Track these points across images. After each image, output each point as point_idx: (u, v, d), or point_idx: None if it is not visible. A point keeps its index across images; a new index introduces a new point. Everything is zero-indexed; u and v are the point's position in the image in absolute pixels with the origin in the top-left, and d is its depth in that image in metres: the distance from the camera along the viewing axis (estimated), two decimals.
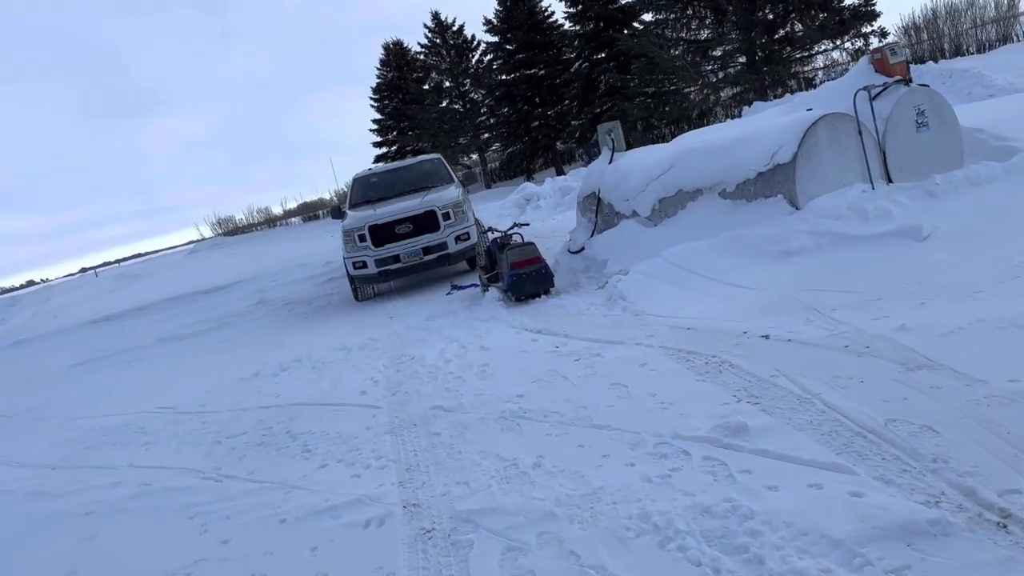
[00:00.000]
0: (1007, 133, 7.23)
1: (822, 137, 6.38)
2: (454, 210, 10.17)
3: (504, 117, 34.79)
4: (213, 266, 26.94)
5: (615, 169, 8.38)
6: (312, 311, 10.65)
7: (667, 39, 25.58)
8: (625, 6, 29.52)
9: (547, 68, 32.86)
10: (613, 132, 8.74)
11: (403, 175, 11.70)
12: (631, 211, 7.99)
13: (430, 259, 10.04)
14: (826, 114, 6.44)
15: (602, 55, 29.97)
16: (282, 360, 7.19)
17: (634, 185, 7.87)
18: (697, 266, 6.14)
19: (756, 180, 6.56)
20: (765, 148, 6.52)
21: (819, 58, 24.49)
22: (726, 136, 7.19)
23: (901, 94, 6.72)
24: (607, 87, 29.28)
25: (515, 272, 7.30)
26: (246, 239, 44.64)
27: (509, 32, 33.45)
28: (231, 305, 13.23)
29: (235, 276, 18.01)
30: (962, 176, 6.39)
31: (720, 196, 6.93)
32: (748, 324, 4.77)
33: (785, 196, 6.35)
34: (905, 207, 6.21)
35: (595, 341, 5.22)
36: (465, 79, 37.25)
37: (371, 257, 9.94)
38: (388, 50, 43.04)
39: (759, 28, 23.24)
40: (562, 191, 16.48)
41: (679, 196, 7.35)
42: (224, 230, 52.52)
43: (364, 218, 10.14)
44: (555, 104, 33.49)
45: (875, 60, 6.93)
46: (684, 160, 7.36)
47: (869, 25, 22.43)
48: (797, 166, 6.25)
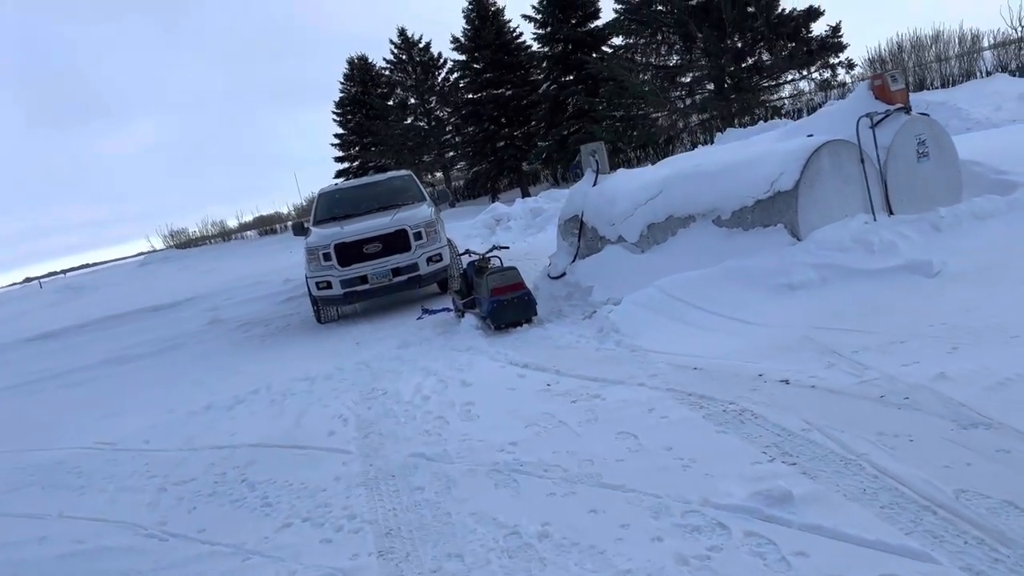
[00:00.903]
0: (1004, 166, 7.04)
1: (825, 165, 6.06)
2: (426, 230, 9.65)
3: (470, 136, 34.40)
4: (164, 281, 25.86)
5: (600, 192, 7.97)
6: (270, 333, 9.98)
7: (636, 64, 25.57)
8: (594, 30, 29.50)
9: (514, 88, 32.62)
10: (597, 154, 8.34)
11: (372, 191, 11.13)
12: (617, 236, 7.58)
13: (400, 281, 9.49)
14: (829, 141, 6.13)
15: (570, 77, 29.84)
16: (237, 390, 6.55)
17: (621, 209, 7.47)
18: (695, 297, 5.73)
19: (754, 208, 6.20)
20: (764, 175, 6.17)
21: (787, 87, 24.68)
22: (719, 161, 6.84)
23: (903, 123, 6.46)
24: (575, 109, 29.14)
25: (496, 298, 6.81)
26: (199, 252, 43.29)
27: (477, 51, 33.16)
28: (182, 324, 12.44)
29: (187, 292, 17.14)
30: (966, 210, 6.12)
31: (714, 223, 6.55)
32: (762, 365, 4.35)
33: (786, 226, 6.00)
34: (911, 240, 5.92)
35: (591, 379, 4.74)
36: (431, 96, 36.82)
37: (336, 277, 9.35)
38: (352, 65, 42.46)
39: (728, 56, 23.33)
40: (533, 212, 16.10)
41: (669, 222, 6.97)
42: (176, 242, 50.98)
43: (330, 236, 9.55)
44: (522, 124, 33.23)
45: (875, 87, 6.66)
46: (675, 185, 6.99)
47: (836, 56, 22.67)
48: (800, 194, 5.91)
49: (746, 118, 23.21)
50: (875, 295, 5.23)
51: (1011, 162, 7.19)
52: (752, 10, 22.81)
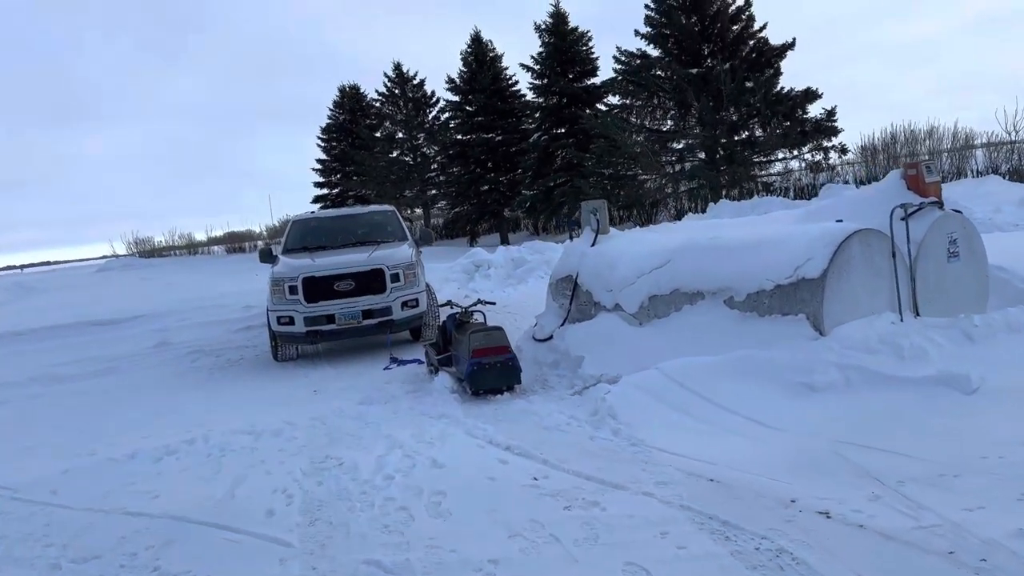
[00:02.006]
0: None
1: (855, 254, 5.52)
2: (405, 271, 8.95)
3: (455, 176, 33.96)
4: (119, 290, 24.65)
5: (599, 253, 7.36)
6: (220, 366, 9.11)
7: (630, 124, 25.44)
8: (591, 86, 29.47)
9: (505, 134, 32.35)
10: (599, 212, 7.76)
11: (350, 224, 10.41)
12: (614, 304, 6.95)
13: (369, 324, 8.73)
14: (861, 229, 5.59)
15: (562, 130, 29.66)
16: (170, 437, 5.70)
17: (621, 275, 6.85)
18: (704, 388, 5.07)
19: (774, 293, 5.61)
20: (788, 257, 5.61)
21: (778, 164, 24.67)
22: (736, 236, 6.27)
23: (935, 218, 5.97)
24: (563, 162, 28.88)
25: (477, 360, 6.09)
26: (162, 264, 41.91)
27: (471, 94, 32.94)
28: (127, 343, 11.47)
29: (139, 307, 16.10)
30: (1001, 320, 5.59)
31: (726, 304, 5.95)
32: (792, 486, 3.68)
33: (808, 317, 5.41)
34: (943, 349, 5.36)
35: (587, 478, 4.03)
36: (419, 133, 36.45)
37: (301, 314, 8.56)
38: (344, 92, 42.10)
39: (722, 127, 23.28)
40: (515, 262, 15.47)
41: (675, 296, 6.36)
42: (140, 250, 49.42)
43: (299, 267, 8.78)
44: (508, 171, 32.89)
45: (908, 176, 6.19)
46: (685, 256, 6.40)
47: (829, 139, 22.72)
48: (827, 284, 5.34)
49: (735, 191, 23.08)
50: (908, 409, 4.62)
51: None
52: (751, 85, 22.85)
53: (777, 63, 23.41)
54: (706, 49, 24.52)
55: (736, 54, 23.77)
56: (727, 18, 24.00)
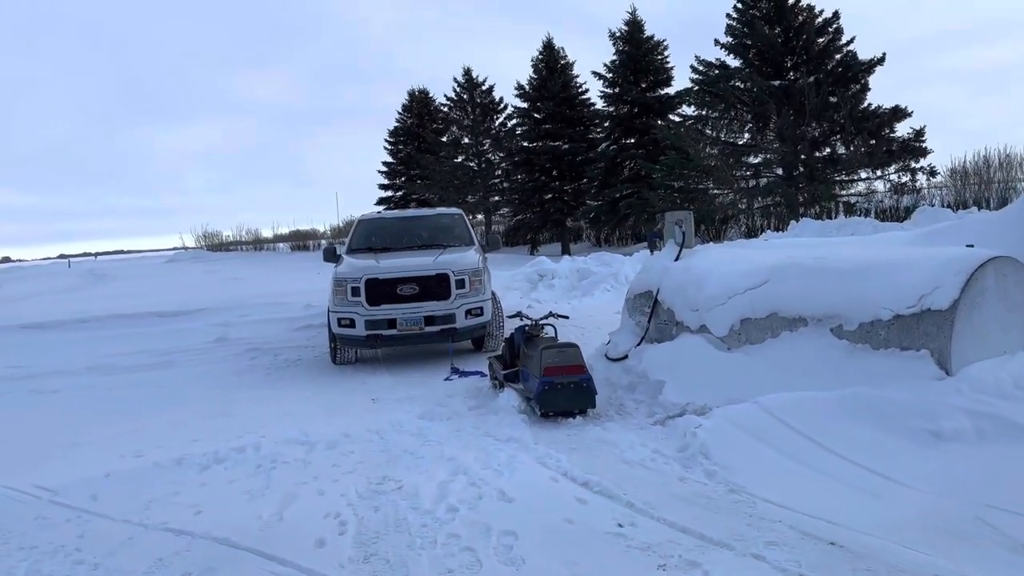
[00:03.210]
0: None
1: (990, 285, 4.82)
2: (471, 278, 8.51)
3: (519, 183, 33.60)
4: (185, 281, 25.01)
5: (684, 269, 6.78)
6: (277, 366, 8.83)
7: (704, 136, 24.62)
8: (664, 96, 28.77)
9: (572, 143, 31.83)
10: (684, 224, 7.18)
11: (416, 226, 10.06)
12: (699, 325, 6.35)
13: (432, 331, 8.32)
14: (996, 256, 4.89)
15: (631, 140, 29.03)
16: (220, 442, 5.35)
17: (710, 294, 6.25)
18: (812, 429, 4.46)
19: (892, 324, 4.95)
20: (910, 284, 4.94)
21: (861, 184, 23.49)
22: (845, 257, 5.62)
23: None
24: (631, 173, 28.22)
25: (548, 379, 5.58)
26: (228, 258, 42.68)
27: (540, 101, 32.56)
28: (187, 337, 11.35)
29: (203, 300, 16.11)
30: None
31: (833, 333, 5.31)
32: (933, 559, 3.06)
33: (933, 354, 4.73)
34: None
35: (682, 530, 3.48)
36: (485, 139, 36.21)
37: (362, 316, 8.20)
38: (413, 97, 42.30)
39: (804, 143, 22.29)
40: (580, 273, 14.93)
41: (771, 321, 5.73)
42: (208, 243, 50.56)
43: (362, 268, 8.44)
44: (573, 180, 32.37)
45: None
46: (786, 276, 5.77)
47: (917, 160, 21.50)
48: (957, 317, 4.66)
49: (814, 209, 22.04)
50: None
51: None
52: (835, 100, 21.83)
53: (865, 79, 22.31)
54: (789, 61, 23.57)
55: (821, 67, 22.75)
56: (813, 30, 23.01)
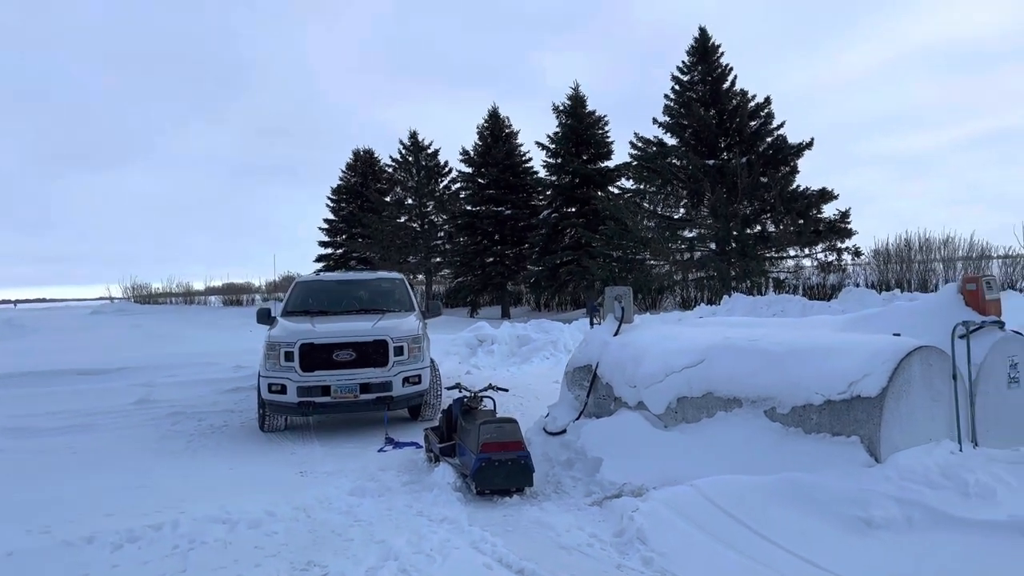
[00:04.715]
0: None
1: (916, 374, 4.99)
2: (410, 344, 8.39)
3: (461, 246, 33.78)
4: (109, 336, 23.97)
5: (623, 345, 6.83)
6: (201, 432, 8.45)
7: (642, 209, 25.34)
8: (604, 168, 29.58)
9: (515, 208, 32.33)
10: (623, 299, 7.27)
11: (356, 290, 9.92)
12: (637, 401, 6.37)
13: (367, 399, 8.12)
14: (923, 346, 5.08)
15: (573, 209, 29.64)
16: (135, 520, 5.02)
17: (648, 371, 6.30)
18: (748, 515, 4.46)
19: (823, 409, 5.06)
20: (841, 370, 5.07)
21: (789, 261, 24.39)
22: (779, 339, 5.75)
23: (997, 339, 5.47)
24: (572, 240, 28.73)
25: (486, 456, 5.48)
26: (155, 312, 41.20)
27: (484, 167, 33.14)
28: (108, 397, 10.79)
29: (127, 358, 15.43)
30: None
31: (767, 416, 5.38)
32: None
33: (863, 440, 4.83)
34: (1010, 487, 4.77)
35: None
36: (429, 200, 36.43)
37: (294, 383, 7.96)
38: (357, 156, 42.47)
39: (736, 220, 23.12)
40: (520, 340, 14.93)
41: (707, 400, 5.79)
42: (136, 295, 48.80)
43: (298, 332, 8.23)
44: (515, 245, 32.72)
45: (967, 291, 5.72)
46: (721, 356, 5.86)
47: (843, 241, 22.53)
48: (886, 406, 4.79)
49: (745, 284, 22.75)
50: (983, 560, 4.01)
51: None
52: (766, 181, 22.81)
53: (794, 161, 23.46)
54: (723, 142, 24.63)
55: (753, 149, 23.84)
56: (746, 113, 24.17)
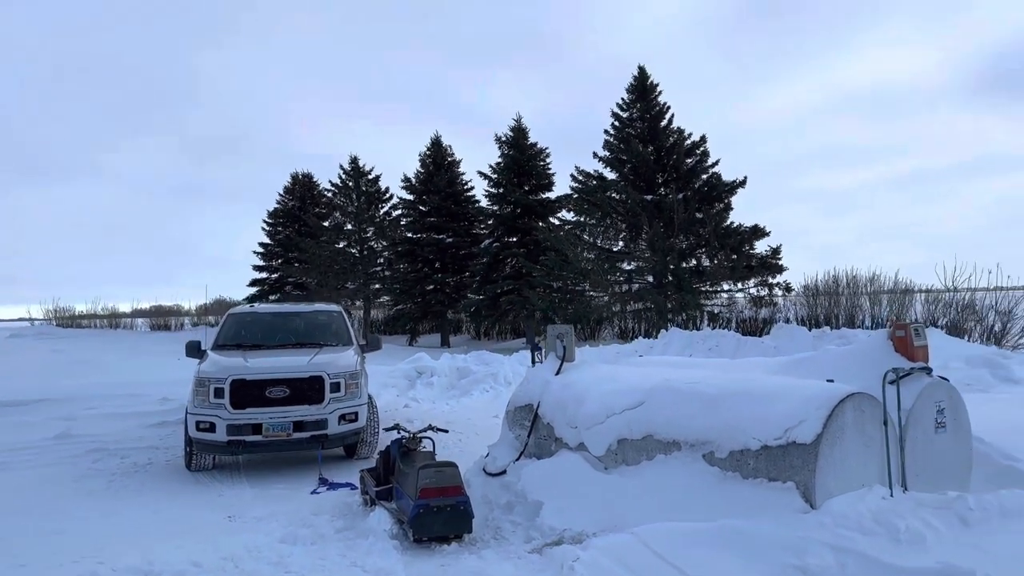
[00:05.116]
0: (1012, 450, 6.29)
1: (849, 420, 5.10)
2: (347, 381, 8.20)
3: (401, 273, 33.49)
4: (27, 361, 22.78)
5: (564, 384, 6.81)
6: (124, 471, 8.04)
7: (582, 241, 25.63)
8: (545, 200, 29.87)
9: (456, 237, 32.30)
10: (565, 338, 7.27)
11: (291, 323, 9.66)
12: (578, 442, 6.35)
13: (300, 438, 7.88)
14: (855, 392, 5.21)
15: (514, 239, 29.77)
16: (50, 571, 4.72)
17: (589, 412, 6.29)
18: (687, 563, 4.45)
19: (760, 454, 5.12)
20: (777, 416, 5.15)
21: (723, 295, 24.98)
22: (718, 383, 5.82)
23: (924, 385, 5.66)
24: (513, 270, 28.81)
25: (424, 502, 5.34)
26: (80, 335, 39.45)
27: (426, 194, 33.07)
28: (24, 432, 10.19)
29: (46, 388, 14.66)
30: (995, 504, 5.18)
31: (705, 460, 5.42)
32: None
33: (799, 487, 4.91)
34: (939, 533, 4.89)
35: None
36: (369, 226, 36.06)
37: (224, 420, 7.66)
38: (296, 180, 41.80)
39: (673, 254, 23.59)
40: (460, 372, 14.80)
41: (647, 443, 5.81)
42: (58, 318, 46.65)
43: (229, 367, 7.95)
44: (456, 273, 32.65)
45: (896, 337, 5.92)
46: (661, 399, 5.89)
47: (774, 276, 23.20)
48: (820, 452, 4.88)
49: (681, 316, 23.17)
50: None
51: (1015, 445, 6.47)
52: (701, 217, 23.38)
53: (728, 198, 24.14)
54: (661, 178, 25.19)
55: (689, 185, 24.45)
56: (682, 151, 24.81)
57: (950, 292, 18.28)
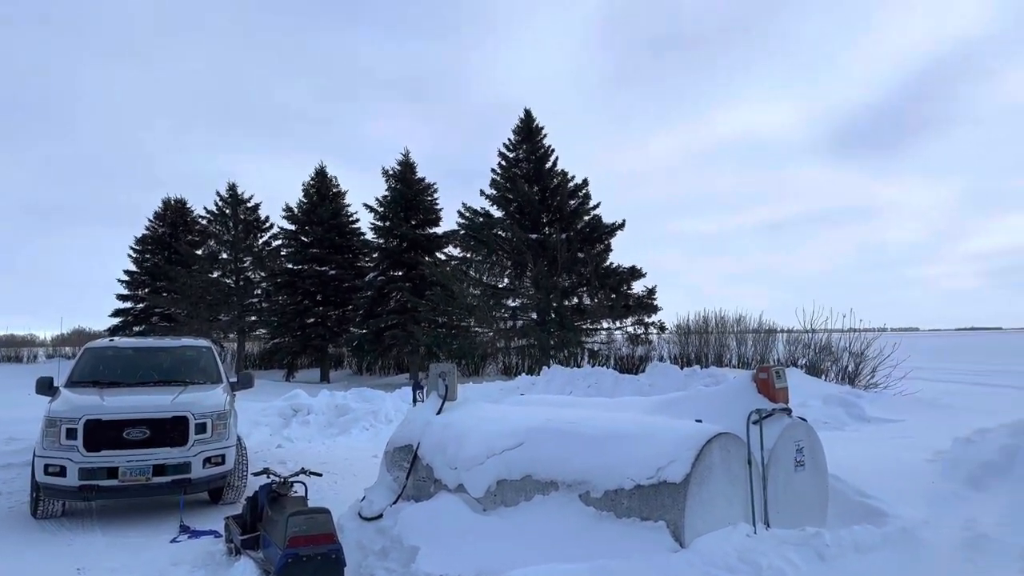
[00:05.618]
0: (865, 488, 6.75)
1: (716, 460, 5.31)
2: (214, 421, 7.77)
3: (279, 305, 32.30)
4: None
5: (445, 425, 6.74)
6: None
7: (468, 277, 25.73)
8: (432, 235, 29.85)
9: (339, 269, 31.63)
10: (447, 377, 7.21)
11: (155, 359, 9.06)
12: (457, 484, 6.27)
13: (161, 482, 7.37)
14: (722, 433, 5.44)
15: (400, 272, 29.47)
16: None
17: (470, 453, 6.24)
18: None
19: (633, 493, 5.24)
20: (649, 456, 5.30)
21: (603, 333, 25.68)
22: (596, 423, 5.93)
23: (785, 425, 5.98)
24: (398, 304, 28.47)
25: (293, 552, 5.10)
26: None
27: (308, 225, 32.27)
28: None
29: None
30: (849, 539, 5.52)
31: (581, 500, 5.48)
32: None
33: (669, 526, 5.04)
34: (798, 569, 5.14)
35: None
36: (247, 256, 34.72)
37: (76, 464, 7.07)
38: (168, 205, 39.83)
39: (556, 292, 24.09)
40: (339, 409, 14.36)
41: (526, 483, 5.82)
42: None
43: (83, 407, 7.36)
44: (339, 306, 31.90)
45: (759, 379, 6.24)
46: (541, 439, 5.94)
47: (649, 316, 24.11)
48: (689, 491, 5.04)
49: (563, 353, 23.60)
50: None
51: (866, 481, 6.97)
52: (583, 256, 24.05)
53: (608, 240, 24.99)
54: (545, 217, 25.78)
55: (572, 226, 25.15)
56: (566, 192, 25.54)
57: (809, 333, 19.55)
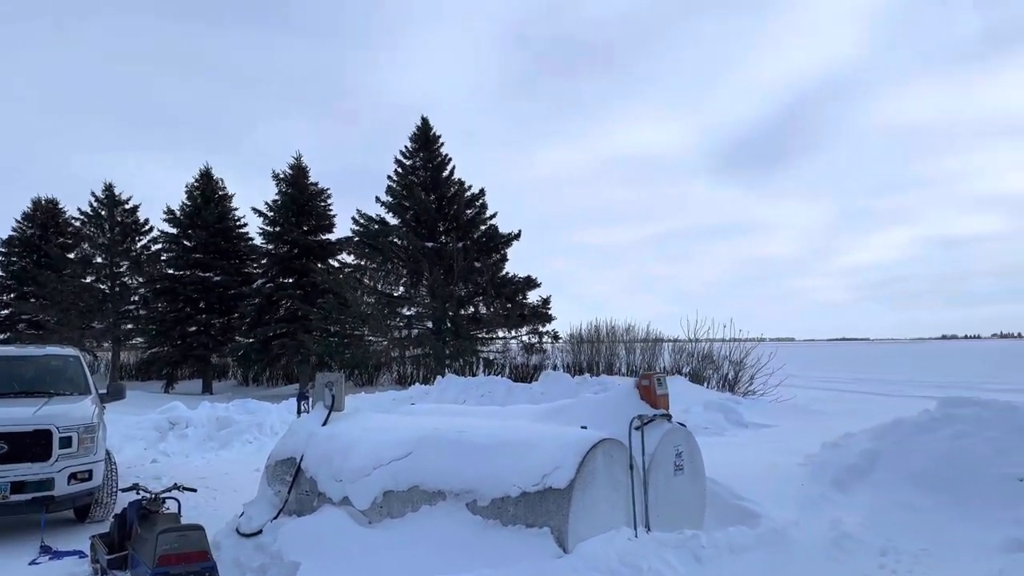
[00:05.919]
0: (741, 490, 7.07)
1: (599, 465, 5.43)
2: (81, 435, 7.28)
3: (158, 312, 30.64)
4: None
5: (331, 436, 6.57)
6: None
7: (362, 285, 25.31)
8: (325, 241, 29.19)
9: (225, 275, 30.37)
10: (334, 387, 7.05)
11: (17, 369, 8.38)
12: (342, 497, 6.13)
13: (20, 500, 6.83)
14: (605, 438, 5.57)
15: (290, 280, 28.62)
16: None
17: (356, 465, 6.11)
18: None
19: (519, 501, 5.28)
20: (535, 463, 5.36)
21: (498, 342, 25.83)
22: (485, 432, 5.94)
23: (665, 431, 6.20)
24: (288, 312, 27.61)
25: (163, 570, 4.80)
26: None
27: (192, 229, 30.84)
28: None
29: None
30: (724, 541, 5.79)
31: (468, 509, 5.48)
32: None
33: (553, 531, 5.11)
34: (676, 571, 5.33)
35: None
36: (123, 260, 32.78)
37: None
38: (38, 205, 37.11)
39: (452, 301, 24.05)
40: (220, 422, 13.74)
41: (413, 494, 5.76)
42: None
43: None
44: (223, 314, 30.59)
45: (642, 386, 6.45)
46: (429, 449, 5.89)
47: (544, 325, 24.47)
48: (573, 497, 5.13)
49: (458, 362, 23.57)
50: None
51: (742, 484, 7.30)
52: (479, 266, 24.15)
53: (504, 250, 25.20)
54: (442, 226, 25.72)
55: (469, 235, 25.20)
56: (463, 202, 25.58)
57: (692, 343, 20.37)
